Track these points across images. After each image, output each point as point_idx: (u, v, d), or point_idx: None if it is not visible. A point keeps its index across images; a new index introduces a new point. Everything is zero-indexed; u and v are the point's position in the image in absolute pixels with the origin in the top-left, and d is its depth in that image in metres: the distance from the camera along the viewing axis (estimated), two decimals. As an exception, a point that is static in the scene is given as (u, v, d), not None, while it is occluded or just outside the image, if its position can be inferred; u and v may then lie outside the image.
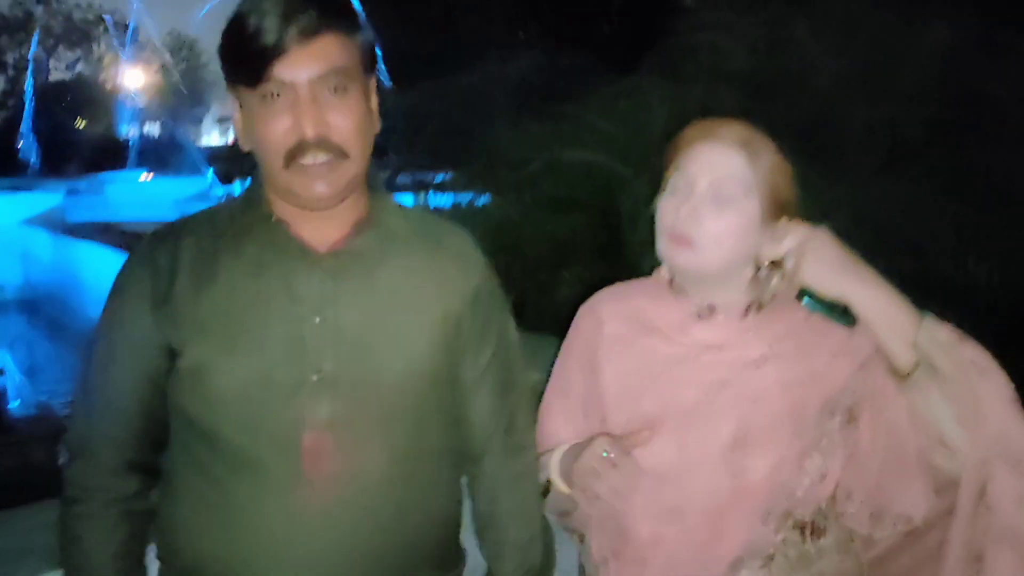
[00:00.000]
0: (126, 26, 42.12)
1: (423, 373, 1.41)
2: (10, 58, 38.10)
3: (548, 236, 5.08)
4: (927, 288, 4.19)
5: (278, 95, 1.27)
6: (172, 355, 1.34)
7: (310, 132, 1.27)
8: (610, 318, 1.60)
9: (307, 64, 1.26)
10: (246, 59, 1.27)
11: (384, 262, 1.41)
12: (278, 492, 1.33)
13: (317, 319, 1.33)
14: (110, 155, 28.04)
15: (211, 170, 18.62)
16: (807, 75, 4.96)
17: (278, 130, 1.28)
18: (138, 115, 35.62)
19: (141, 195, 15.78)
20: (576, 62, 6.54)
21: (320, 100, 1.28)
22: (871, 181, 4.47)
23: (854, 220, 4.31)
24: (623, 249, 4.47)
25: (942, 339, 1.36)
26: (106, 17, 40.72)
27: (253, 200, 1.41)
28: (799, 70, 4.99)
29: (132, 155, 28.21)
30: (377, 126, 1.40)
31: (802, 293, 1.40)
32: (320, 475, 1.33)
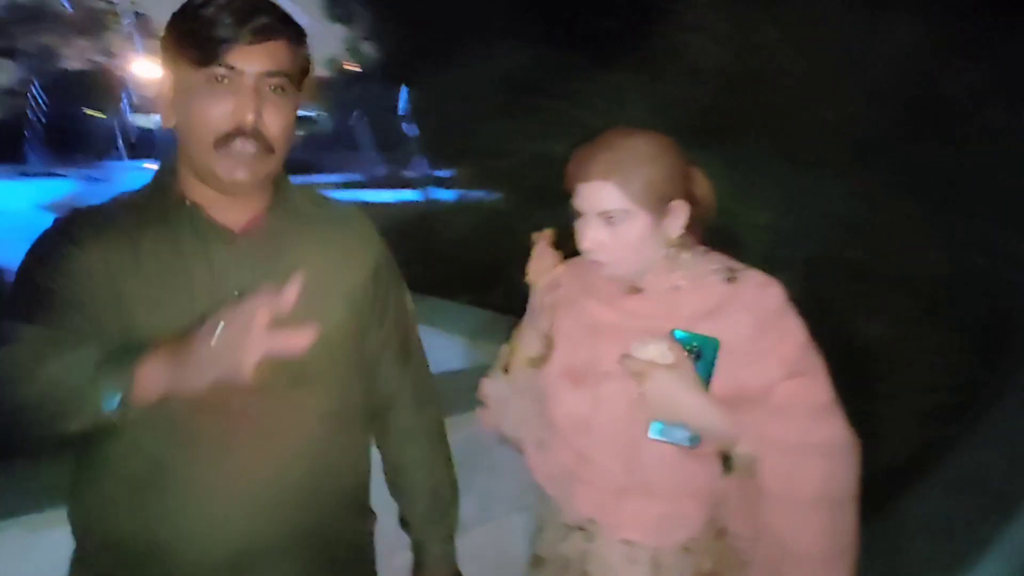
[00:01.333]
0: (141, 17, 41.94)
1: (335, 340, 1.48)
2: (25, 46, 37.72)
3: (533, 226, 5.14)
4: (885, 279, 4.31)
5: (225, 80, 1.34)
6: (96, 326, 1.34)
7: (250, 118, 1.34)
8: (564, 282, 1.74)
9: (258, 58, 1.34)
10: (202, 40, 1.32)
11: (294, 241, 1.48)
12: (208, 454, 1.38)
13: (236, 293, 1.37)
14: (121, 144, 27.94)
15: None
16: (778, 74, 5.07)
17: (217, 111, 1.34)
18: (149, 105, 35.35)
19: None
20: (562, 59, 6.60)
21: (262, 94, 1.35)
22: (835, 176, 4.56)
23: (819, 214, 4.41)
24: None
25: (748, 455, 1.48)
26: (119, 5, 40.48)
27: (164, 186, 1.46)
28: (770, 69, 5.09)
29: (146, 145, 28.14)
30: (295, 133, 1.46)
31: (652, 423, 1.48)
32: (248, 435, 1.39)
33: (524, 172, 5.46)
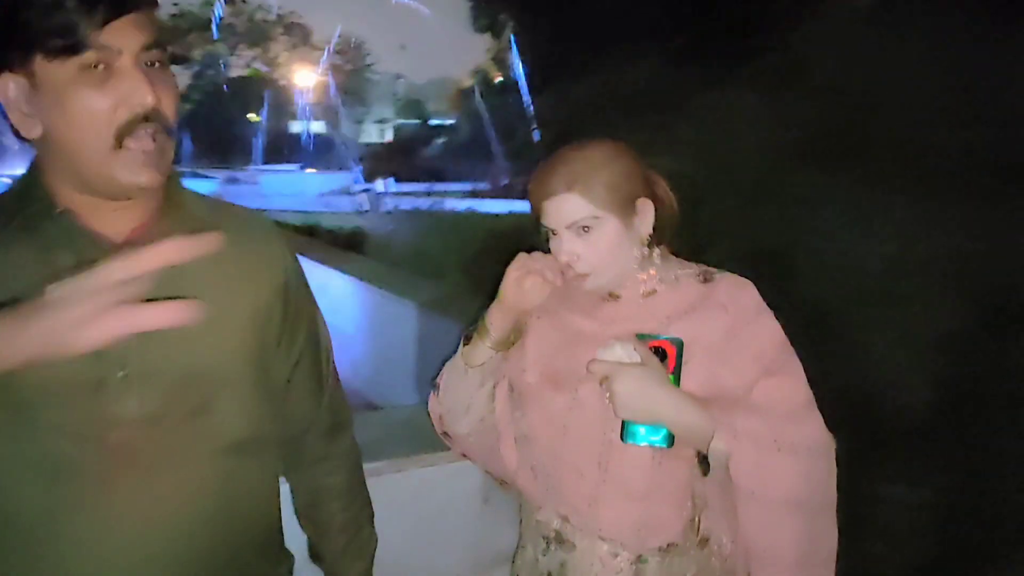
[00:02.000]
0: (300, 27, 44.10)
1: (238, 365, 1.29)
2: (196, 54, 39.98)
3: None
4: (1014, 322, 3.90)
5: (99, 66, 1.10)
6: None
7: (150, 99, 1.11)
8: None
9: (134, 31, 1.10)
10: (60, 25, 1.07)
11: None
12: (100, 497, 1.19)
13: None
14: (272, 148, 29.20)
15: (359, 168, 19.10)
16: (906, 95, 4.74)
17: (105, 104, 1.11)
18: (303, 112, 36.97)
19: (291, 187, 16.29)
20: (679, 74, 6.42)
21: (147, 71, 1.12)
22: (966, 206, 4.21)
23: (947, 246, 4.06)
24: (702, 259, 4.34)
25: (723, 451, 1.46)
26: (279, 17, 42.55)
27: (31, 193, 1.21)
28: (898, 89, 4.79)
29: (290, 149, 29.37)
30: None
31: (624, 426, 1.46)
32: (143, 473, 1.20)
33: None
